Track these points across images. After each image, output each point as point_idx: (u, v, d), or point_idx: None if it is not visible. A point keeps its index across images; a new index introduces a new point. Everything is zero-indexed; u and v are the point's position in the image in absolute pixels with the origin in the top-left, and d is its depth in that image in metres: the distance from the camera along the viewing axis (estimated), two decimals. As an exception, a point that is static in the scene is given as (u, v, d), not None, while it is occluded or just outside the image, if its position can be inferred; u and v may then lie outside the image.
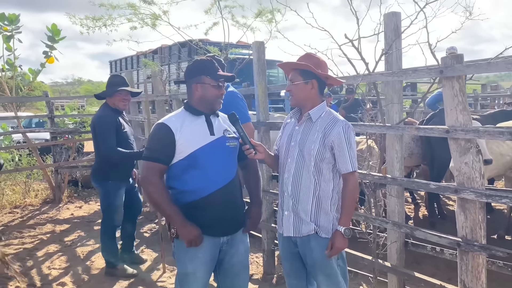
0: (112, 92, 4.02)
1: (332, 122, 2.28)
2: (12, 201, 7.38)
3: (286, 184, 2.37)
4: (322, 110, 2.34)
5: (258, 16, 6.26)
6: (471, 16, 2.92)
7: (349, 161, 2.25)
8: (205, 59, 2.42)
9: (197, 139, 2.29)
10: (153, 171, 2.25)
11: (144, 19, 6.18)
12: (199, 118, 2.36)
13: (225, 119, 2.49)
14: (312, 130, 2.32)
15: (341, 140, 2.24)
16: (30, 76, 7.55)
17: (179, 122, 2.30)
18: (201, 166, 2.27)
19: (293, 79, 2.34)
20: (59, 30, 7.16)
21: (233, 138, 2.40)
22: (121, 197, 4.16)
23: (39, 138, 9.96)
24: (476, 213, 2.46)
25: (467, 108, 2.43)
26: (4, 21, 6.85)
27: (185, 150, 2.26)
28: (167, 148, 2.25)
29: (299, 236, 2.34)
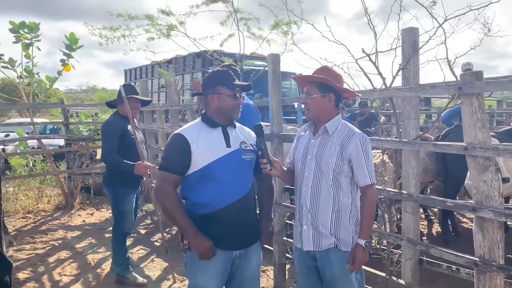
0: (122, 99, 4.04)
1: (349, 135, 2.27)
2: (25, 206, 7.46)
3: (304, 198, 2.35)
4: (338, 123, 2.33)
5: (274, 28, 6.29)
6: (490, 32, 2.90)
7: (367, 174, 2.24)
8: (221, 69, 2.43)
9: (213, 151, 2.27)
10: (168, 182, 2.24)
11: (162, 30, 6.25)
12: (216, 129, 2.34)
13: (242, 129, 2.48)
14: (329, 143, 2.30)
15: (359, 152, 2.23)
16: (47, 84, 7.66)
17: (195, 133, 2.29)
18: (217, 179, 2.25)
19: (310, 92, 2.33)
20: (76, 38, 7.27)
21: (250, 151, 2.38)
22: (130, 203, 4.19)
23: (53, 144, 10.09)
24: (494, 232, 2.42)
25: (486, 125, 2.40)
26: (24, 29, 6.98)
27: (200, 162, 2.24)
28: (182, 159, 2.24)
29: (318, 250, 2.31)
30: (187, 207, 2.31)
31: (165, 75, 8.23)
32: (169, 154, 2.29)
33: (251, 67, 8.20)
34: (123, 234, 4.22)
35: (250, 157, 2.38)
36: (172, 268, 4.37)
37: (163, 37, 6.32)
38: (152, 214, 7.13)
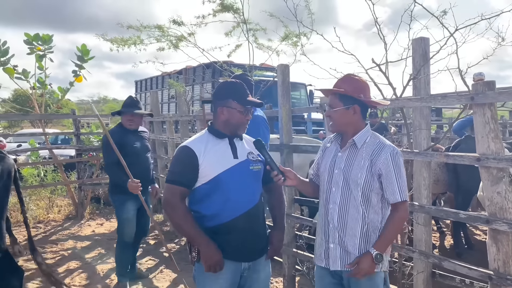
0: (122, 111, 4.27)
1: (379, 148, 2.15)
2: (36, 216, 7.49)
3: (331, 214, 2.22)
4: (366, 134, 2.21)
5: (284, 40, 6.31)
6: (504, 42, 2.87)
7: (397, 190, 2.10)
8: (235, 81, 2.38)
9: (221, 163, 2.24)
10: (175, 195, 2.22)
11: (172, 40, 6.30)
12: (223, 141, 2.31)
13: (249, 141, 2.43)
14: (357, 157, 2.18)
15: (389, 166, 2.11)
16: (59, 94, 7.75)
17: (202, 145, 2.26)
18: (224, 191, 2.22)
19: (332, 105, 2.22)
20: (88, 50, 7.37)
21: (257, 162, 2.35)
22: (128, 211, 4.21)
23: (64, 154, 10.17)
24: (509, 245, 2.37)
25: (499, 136, 2.37)
26: (38, 41, 7.10)
27: (208, 174, 2.22)
28: (190, 172, 2.22)
29: (347, 270, 2.18)
30: (197, 219, 2.26)
31: (175, 85, 8.28)
32: (176, 167, 2.27)
33: (260, 77, 8.23)
34: (122, 243, 4.27)
35: (258, 167, 2.34)
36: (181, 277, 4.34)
37: (173, 48, 6.37)
38: (161, 224, 7.13)
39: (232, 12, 6.07)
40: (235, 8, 6.07)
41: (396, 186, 2.10)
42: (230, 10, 6.03)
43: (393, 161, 2.11)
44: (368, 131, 2.23)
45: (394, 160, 2.11)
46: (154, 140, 7.94)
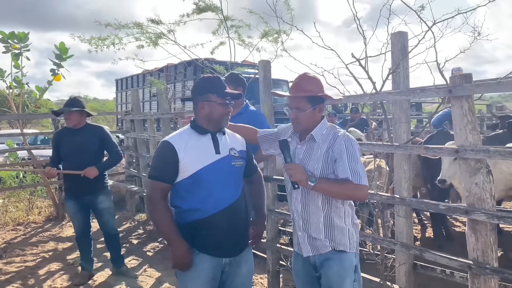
0: (59, 112, 4.56)
1: (333, 138, 2.23)
2: (15, 218, 7.34)
3: (295, 204, 2.33)
4: (323, 128, 2.29)
5: (264, 37, 6.30)
6: (480, 36, 2.92)
7: (348, 170, 2.13)
8: (212, 76, 2.41)
9: (202, 158, 2.26)
10: (156, 190, 2.24)
11: (152, 38, 6.23)
12: (205, 136, 2.33)
13: (232, 136, 2.47)
14: (314, 149, 2.27)
15: (342, 151, 2.17)
16: (37, 94, 7.60)
17: (183, 141, 2.27)
18: (205, 186, 2.24)
19: (300, 107, 2.26)
20: (67, 48, 7.24)
21: (239, 158, 2.38)
22: (70, 208, 4.51)
23: (43, 155, 9.96)
24: (488, 235, 2.41)
25: (477, 128, 2.41)
26: (14, 39, 6.94)
27: (188, 169, 2.23)
28: (170, 167, 2.23)
29: (317, 254, 2.28)
30: (176, 214, 2.29)
31: (156, 83, 8.20)
32: (157, 162, 2.29)
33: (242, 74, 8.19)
34: (76, 235, 4.67)
35: (240, 163, 2.38)
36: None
37: (152, 45, 6.30)
38: (144, 223, 7.06)
39: (211, 10, 6.04)
40: (213, 8, 6.04)
41: (347, 166, 2.14)
42: (208, 11, 6.00)
43: (347, 146, 2.17)
44: (325, 124, 2.31)
45: (347, 145, 2.18)
46: (135, 138, 7.85)
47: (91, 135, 4.42)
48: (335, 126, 2.33)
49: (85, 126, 4.44)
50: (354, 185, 2.12)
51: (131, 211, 7.89)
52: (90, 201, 4.46)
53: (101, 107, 41.44)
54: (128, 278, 4.66)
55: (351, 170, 2.13)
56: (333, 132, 2.27)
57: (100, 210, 4.51)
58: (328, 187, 2.15)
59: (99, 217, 4.59)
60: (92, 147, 4.38)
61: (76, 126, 4.36)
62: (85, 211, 4.52)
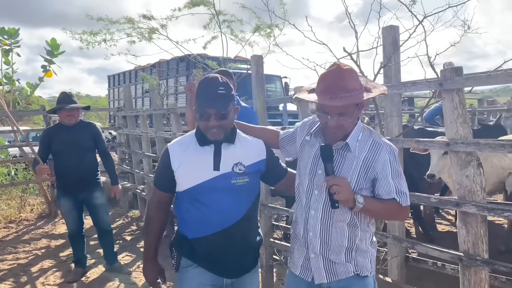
0: (56, 109, 4.36)
1: (374, 149, 1.84)
2: (7, 215, 7.30)
3: (312, 223, 1.91)
4: (358, 131, 1.88)
5: (256, 31, 6.30)
6: (470, 30, 2.94)
7: (394, 190, 1.82)
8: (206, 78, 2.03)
9: (197, 174, 1.99)
10: (153, 197, 2.15)
11: (143, 33, 6.20)
12: (207, 147, 2.03)
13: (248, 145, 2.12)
14: (347, 158, 1.86)
15: (386, 168, 1.82)
16: (28, 90, 7.53)
17: (181, 149, 2.03)
18: (198, 206, 2.02)
19: (348, 113, 1.79)
20: (58, 44, 7.18)
21: (243, 175, 2.03)
22: (63, 206, 4.47)
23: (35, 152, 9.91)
24: (478, 227, 2.43)
25: (467, 120, 2.42)
26: (4, 35, 6.86)
27: (182, 184, 2.03)
28: (165, 175, 2.05)
29: (335, 280, 1.92)
30: (180, 226, 2.14)
31: (148, 79, 8.16)
32: (157, 168, 2.15)
33: (234, 70, 8.19)
34: (68, 233, 4.62)
35: (243, 181, 2.03)
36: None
37: (144, 41, 6.27)
38: (137, 220, 7.05)
39: (203, 4, 6.01)
40: (205, 2, 6.01)
41: (393, 186, 1.82)
42: (201, 5, 5.98)
43: (391, 161, 1.83)
44: (360, 127, 1.89)
45: (391, 159, 1.83)
46: (128, 135, 7.82)
47: (84, 131, 4.40)
48: (370, 130, 1.95)
49: (78, 122, 4.41)
50: (400, 207, 1.83)
51: (124, 208, 7.88)
52: (85, 197, 4.44)
53: (94, 104, 41.15)
54: (121, 274, 4.65)
55: (397, 191, 1.82)
56: (372, 139, 1.87)
57: (95, 206, 4.50)
58: (374, 208, 1.82)
59: (94, 214, 4.56)
60: (85, 143, 4.36)
61: (75, 123, 4.34)
62: (79, 208, 4.49)
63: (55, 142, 4.31)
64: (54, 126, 4.53)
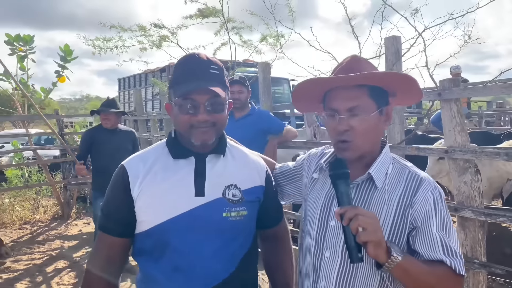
0: (97, 111, 4.62)
1: (410, 184, 1.26)
2: (21, 217, 7.50)
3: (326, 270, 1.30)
4: (387, 160, 1.32)
5: (262, 41, 6.44)
6: (470, 39, 3.04)
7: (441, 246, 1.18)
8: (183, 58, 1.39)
9: (169, 203, 1.31)
10: (101, 248, 1.39)
11: (154, 41, 6.38)
12: (184, 162, 1.36)
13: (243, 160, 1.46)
14: (374, 199, 1.27)
15: (429, 214, 1.21)
16: (42, 95, 7.73)
17: (145, 166, 1.35)
18: (171, 253, 1.31)
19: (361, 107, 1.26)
20: (71, 50, 7.36)
21: (239, 204, 1.36)
22: (98, 207, 4.43)
23: (48, 154, 10.13)
24: (476, 231, 2.53)
25: (465, 129, 2.52)
26: (19, 41, 7.07)
27: (145, 220, 1.32)
28: (120, 211, 1.34)
29: None
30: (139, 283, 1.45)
31: (158, 84, 8.33)
32: (106, 199, 1.40)
33: (244, 74, 8.32)
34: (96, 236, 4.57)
35: (239, 214, 1.35)
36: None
37: (155, 48, 6.45)
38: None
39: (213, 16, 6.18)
40: (215, 12, 6.18)
41: (439, 240, 1.18)
42: (211, 16, 6.14)
43: (436, 203, 1.22)
44: (389, 155, 1.34)
45: (436, 201, 1.23)
46: (139, 138, 7.98)
47: (126, 138, 4.63)
48: (403, 161, 1.36)
49: (119, 128, 4.64)
50: (452, 276, 1.17)
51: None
52: None
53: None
54: (133, 275, 4.80)
55: (446, 249, 1.18)
56: (408, 171, 1.29)
57: None
58: (414, 271, 1.14)
59: None
60: (126, 149, 4.54)
61: (112, 127, 4.53)
62: None
63: (96, 144, 4.49)
64: (96, 129, 4.70)
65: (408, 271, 1.13)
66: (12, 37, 7.12)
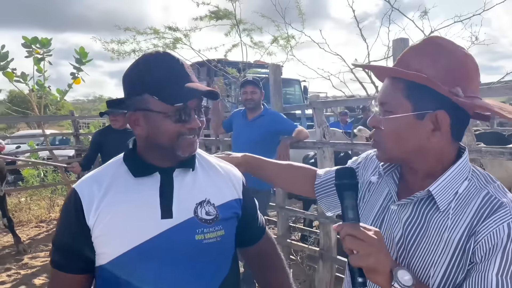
0: (106, 112, 4.73)
1: (486, 206, 0.95)
2: (38, 215, 7.68)
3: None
4: (459, 176, 1.01)
5: (273, 42, 6.54)
6: (477, 41, 3.09)
7: None
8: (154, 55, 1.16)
9: (131, 228, 1.13)
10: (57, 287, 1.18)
11: (168, 44, 6.53)
12: (148, 179, 1.18)
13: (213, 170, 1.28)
14: (433, 221, 1.01)
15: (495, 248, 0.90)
16: (58, 96, 7.94)
17: (100, 190, 1.16)
18: (139, 285, 1.13)
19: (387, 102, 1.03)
20: (86, 52, 7.55)
21: (214, 223, 1.18)
22: None
23: (62, 155, 10.37)
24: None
25: (471, 129, 2.58)
26: (36, 44, 7.27)
27: (105, 252, 1.13)
28: (75, 244, 1.14)
29: None
30: None
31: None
32: (59, 231, 1.19)
33: (255, 75, 8.42)
34: None
35: (214, 236, 1.18)
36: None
37: (169, 50, 6.59)
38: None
39: (226, 19, 6.31)
40: (227, 15, 6.30)
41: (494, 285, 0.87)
42: (223, 19, 6.27)
43: (509, 241, 0.90)
44: (465, 167, 1.02)
45: (510, 238, 0.90)
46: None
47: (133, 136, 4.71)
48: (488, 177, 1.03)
49: (129, 128, 4.67)
50: None
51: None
52: None
53: (116, 107, 41.88)
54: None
55: None
56: (485, 193, 0.98)
57: None
58: None
59: None
60: None
61: (121, 127, 4.56)
62: None
63: (107, 144, 4.53)
64: (106, 129, 4.77)
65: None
66: (29, 40, 7.34)
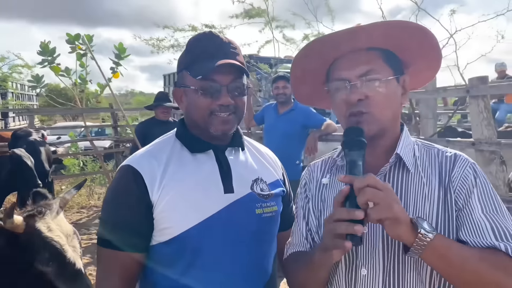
0: (154, 105, 4.90)
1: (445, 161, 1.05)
2: (78, 202, 8.18)
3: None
4: (409, 142, 1.10)
5: (304, 39, 6.74)
6: (503, 39, 3.23)
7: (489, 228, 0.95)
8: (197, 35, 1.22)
9: (197, 203, 1.14)
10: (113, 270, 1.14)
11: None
12: (203, 156, 1.20)
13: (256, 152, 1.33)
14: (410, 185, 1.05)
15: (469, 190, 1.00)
16: (98, 90, 8.37)
17: (160, 166, 1.17)
18: (201, 263, 1.13)
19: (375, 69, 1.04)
20: (124, 48, 7.92)
21: (270, 198, 1.23)
22: None
23: (99, 146, 10.90)
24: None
25: (492, 123, 2.74)
26: (79, 40, 7.70)
27: (169, 226, 1.13)
28: (135, 221, 1.14)
29: None
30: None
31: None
32: (111, 211, 1.20)
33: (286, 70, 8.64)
34: None
35: (271, 210, 1.22)
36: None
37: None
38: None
39: (259, 17, 6.55)
40: (260, 13, 6.54)
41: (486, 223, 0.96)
42: (256, 17, 6.51)
43: (477, 178, 1.01)
44: (409, 135, 1.13)
45: (477, 177, 1.01)
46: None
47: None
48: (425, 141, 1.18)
49: (171, 121, 4.96)
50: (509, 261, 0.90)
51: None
52: None
53: (147, 101, 42.98)
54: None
55: (498, 232, 0.94)
56: (436, 150, 1.09)
57: None
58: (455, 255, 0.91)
59: None
60: None
61: (165, 118, 4.85)
62: None
63: (151, 135, 4.83)
64: (149, 121, 5.00)
65: (446, 257, 0.89)
66: (72, 36, 7.74)
